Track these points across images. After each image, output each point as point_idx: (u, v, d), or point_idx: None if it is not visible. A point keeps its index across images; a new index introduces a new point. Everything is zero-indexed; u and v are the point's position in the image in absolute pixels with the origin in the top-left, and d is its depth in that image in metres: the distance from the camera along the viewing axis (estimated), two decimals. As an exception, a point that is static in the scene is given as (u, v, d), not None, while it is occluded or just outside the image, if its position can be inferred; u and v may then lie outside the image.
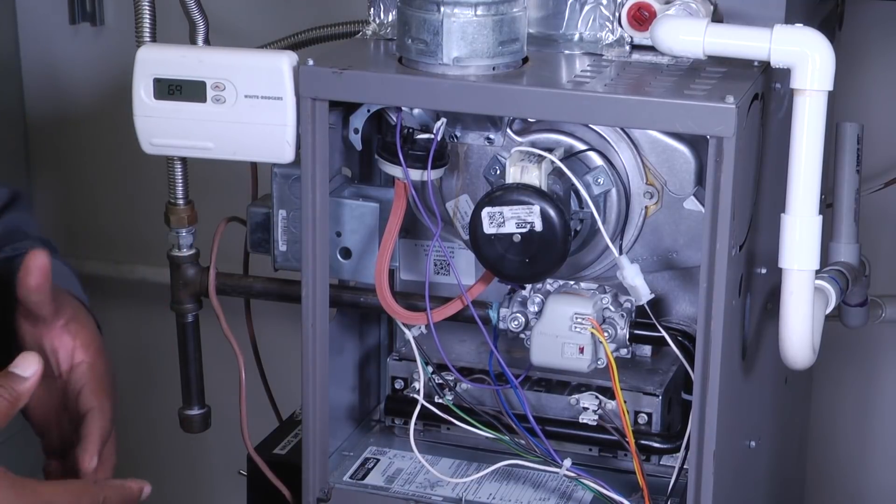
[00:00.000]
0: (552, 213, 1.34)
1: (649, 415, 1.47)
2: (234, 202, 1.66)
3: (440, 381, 1.50)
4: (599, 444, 1.49)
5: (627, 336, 1.42)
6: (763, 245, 1.43)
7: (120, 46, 2.18)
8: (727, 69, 1.36)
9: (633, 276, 1.37)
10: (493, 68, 1.35)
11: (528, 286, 1.44)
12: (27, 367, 1.22)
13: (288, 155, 1.44)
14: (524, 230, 1.34)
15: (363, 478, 1.50)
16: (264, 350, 1.70)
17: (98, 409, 1.32)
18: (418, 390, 1.49)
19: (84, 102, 2.30)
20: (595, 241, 1.44)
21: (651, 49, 1.37)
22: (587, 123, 1.41)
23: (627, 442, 1.43)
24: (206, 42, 1.55)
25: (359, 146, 1.48)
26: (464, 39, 1.33)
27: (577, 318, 1.40)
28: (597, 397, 1.47)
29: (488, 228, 1.35)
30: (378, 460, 1.53)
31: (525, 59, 1.38)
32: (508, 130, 1.44)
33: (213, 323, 1.57)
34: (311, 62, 1.37)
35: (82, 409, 1.32)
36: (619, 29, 1.42)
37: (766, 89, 1.38)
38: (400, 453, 1.54)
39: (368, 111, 1.45)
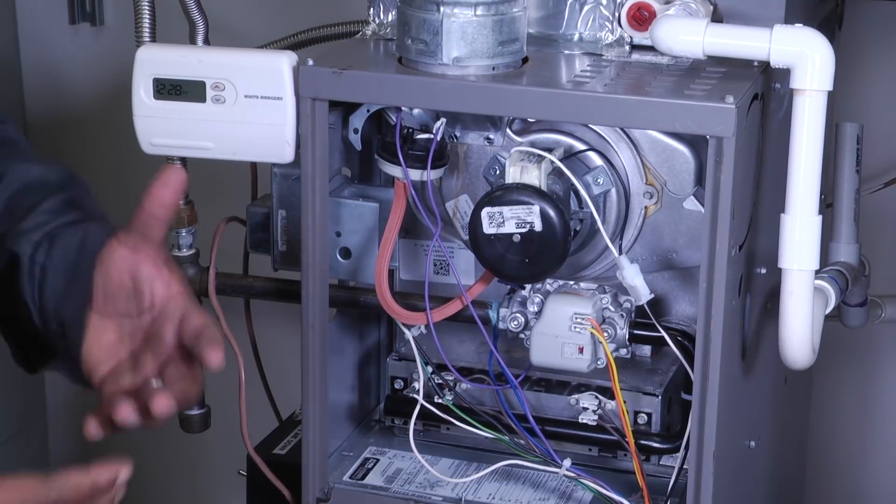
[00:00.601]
0: (552, 213, 1.34)
1: (649, 415, 1.47)
2: (233, 202, 1.66)
3: (440, 381, 1.50)
4: (599, 444, 1.49)
5: (627, 336, 1.42)
6: (763, 245, 1.43)
7: (120, 46, 2.18)
8: (727, 69, 1.36)
9: (632, 276, 1.37)
10: (493, 68, 1.35)
11: (528, 286, 1.44)
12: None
13: (288, 155, 1.44)
14: (524, 230, 1.34)
15: (363, 478, 1.50)
16: (264, 350, 1.70)
17: (211, 321, 1.25)
18: (418, 390, 1.49)
19: (84, 102, 2.30)
20: (595, 241, 1.44)
21: (651, 49, 1.37)
22: (587, 123, 1.41)
23: (627, 442, 1.43)
24: (206, 42, 1.55)
25: (358, 146, 1.48)
26: (463, 39, 1.33)
27: (576, 318, 1.40)
28: (596, 397, 1.47)
29: (488, 228, 1.35)
30: (378, 460, 1.53)
31: (525, 59, 1.38)
32: (508, 130, 1.44)
33: (213, 323, 1.57)
34: (310, 62, 1.37)
35: (196, 324, 1.24)
36: (619, 29, 1.42)
37: (766, 89, 1.38)
38: (400, 453, 1.54)
39: (368, 111, 1.45)
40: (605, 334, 1.41)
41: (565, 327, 1.40)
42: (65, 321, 1.26)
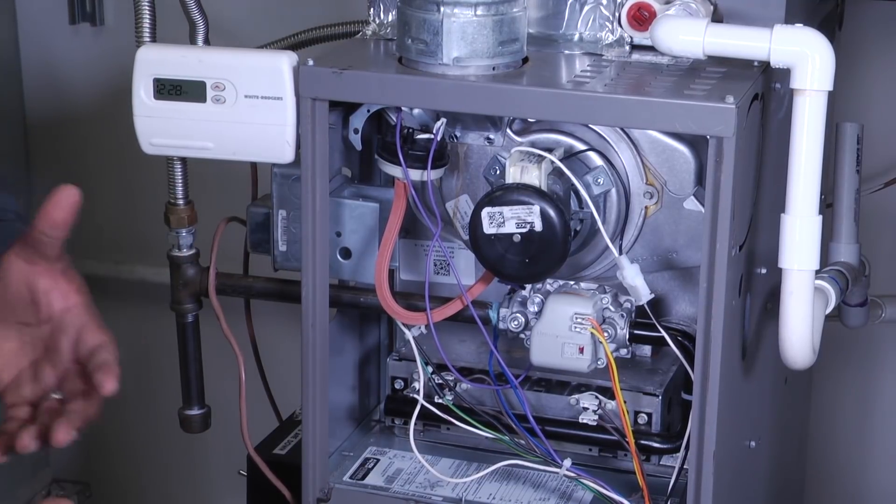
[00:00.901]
0: (552, 213, 1.34)
1: (649, 415, 1.47)
2: (233, 202, 1.66)
3: (440, 381, 1.50)
4: (599, 444, 1.49)
5: (627, 336, 1.42)
6: (763, 245, 1.43)
7: (120, 46, 2.18)
8: (727, 69, 1.36)
9: (632, 276, 1.37)
10: (493, 68, 1.35)
11: (528, 286, 1.44)
12: None
13: (288, 155, 1.44)
14: (524, 230, 1.34)
15: (363, 478, 1.50)
16: (264, 350, 1.70)
17: (109, 340, 1.27)
18: (418, 390, 1.49)
19: (84, 102, 2.30)
20: (595, 241, 1.44)
21: (651, 49, 1.37)
22: (587, 123, 1.41)
23: (627, 442, 1.43)
24: (206, 42, 1.55)
25: (359, 146, 1.48)
26: (464, 39, 1.33)
27: (576, 318, 1.40)
28: (597, 397, 1.47)
29: (488, 228, 1.35)
30: (378, 460, 1.53)
31: (525, 60, 1.38)
32: (508, 130, 1.44)
33: (213, 323, 1.57)
34: (311, 62, 1.37)
35: (91, 342, 1.26)
36: (619, 29, 1.42)
37: (766, 89, 1.38)
38: (400, 453, 1.54)
39: (368, 111, 1.45)
40: (606, 334, 1.41)
41: (565, 327, 1.40)
42: None
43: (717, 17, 1.41)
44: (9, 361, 1.27)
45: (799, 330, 1.34)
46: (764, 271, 1.45)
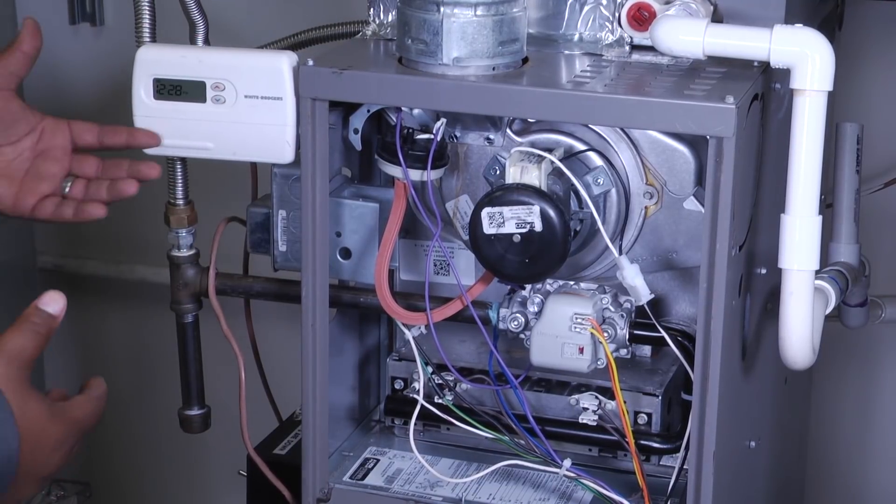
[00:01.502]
0: (552, 213, 1.34)
1: (649, 415, 1.47)
2: (233, 202, 1.66)
3: (440, 382, 1.50)
4: (599, 445, 1.49)
5: (627, 336, 1.42)
6: (763, 245, 1.43)
7: (120, 46, 2.18)
8: (727, 69, 1.36)
9: (632, 276, 1.37)
10: (493, 68, 1.35)
11: (528, 286, 1.44)
12: (54, 304, 1.25)
13: (288, 155, 1.44)
14: (524, 230, 1.34)
15: (363, 478, 1.50)
16: (264, 350, 1.70)
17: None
18: (418, 390, 1.49)
19: (84, 102, 2.30)
20: (595, 241, 1.44)
21: (651, 49, 1.37)
22: (587, 124, 1.41)
23: (627, 442, 1.43)
24: (206, 42, 1.55)
25: (358, 146, 1.48)
26: (464, 39, 1.33)
27: (576, 318, 1.40)
28: (596, 397, 1.47)
29: (488, 228, 1.35)
30: (378, 460, 1.53)
31: (525, 60, 1.38)
32: (508, 131, 1.44)
33: (213, 323, 1.57)
34: (310, 62, 1.37)
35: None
36: (619, 29, 1.42)
37: (766, 89, 1.38)
38: (400, 453, 1.54)
39: (368, 111, 1.45)
40: (606, 334, 1.41)
41: (565, 327, 1.40)
42: None
43: (716, 18, 1.41)
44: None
45: (799, 330, 1.34)
46: (764, 271, 1.45)
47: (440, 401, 1.49)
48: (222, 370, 1.73)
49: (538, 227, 1.34)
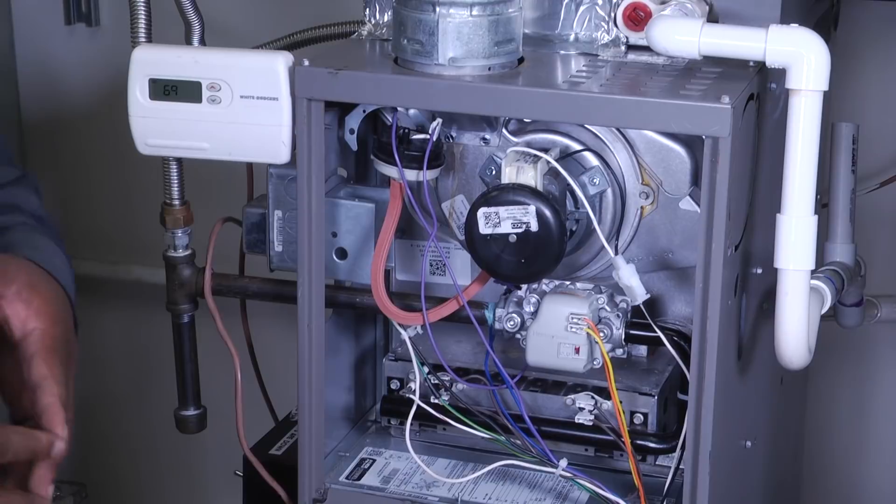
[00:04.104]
0: (548, 213, 1.34)
1: (645, 415, 1.47)
2: (229, 203, 1.66)
3: (436, 382, 1.50)
4: (595, 445, 1.49)
5: (623, 336, 1.42)
6: (759, 245, 1.43)
7: (115, 47, 2.18)
8: (723, 69, 1.36)
9: (628, 276, 1.37)
10: (489, 69, 1.35)
11: (524, 286, 1.44)
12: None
13: (284, 155, 1.44)
14: (520, 230, 1.34)
15: (359, 478, 1.50)
16: (260, 351, 1.70)
17: (50, 377, 1.24)
18: (414, 391, 1.49)
19: (80, 103, 2.30)
20: (591, 241, 1.44)
21: (647, 49, 1.38)
22: (583, 124, 1.41)
23: (623, 442, 1.43)
24: (202, 42, 1.55)
25: (354, 146, 1.48)
26: (459, 40, 1.33)
27: (572, 318, 1.40)
28: (593, 397, 1.47)
29: (484, 229, 1.35)
30: (374, 461, 1.53)
31: (521, 60, 1.38)
32: (504, 131, 1.44)
33: (209, 324, 1.57)
34: (306, 63, 1.37)
35: (34, 379, 1.24)
36: (615, 29, 1.42)
37: (762, 89, 1.38)
38: (396, 454, 1.54)
39: (364, 112, 1.45)
40: (602, 334, 1.41)
41: (561, 327, 1.40)
42: None
43: (712, 18, 1.41)
44: (7, 374, 1.28)
45: (795, 330, 1.35)
46: (760, 271, 1.45)
47: (436, 401, 1.49)
48: (218, 370, 1.73)
49: (534, 227, 1.34)
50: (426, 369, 1.49)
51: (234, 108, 1.43)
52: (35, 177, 1.50)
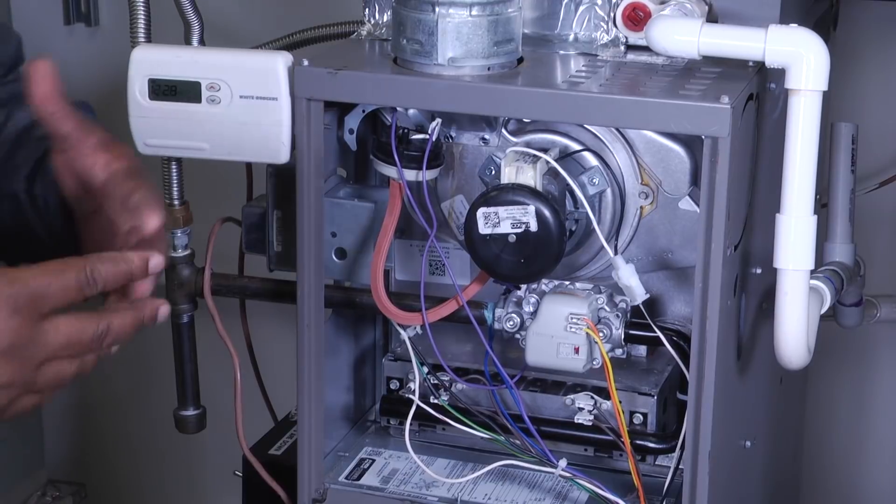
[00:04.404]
0: (547, 213, 1.34)
1: (644, 415, 1.47)
2: (229, 203, 1.66)
3: (435, 382, 1.50)
4: (595, 445, 1.49)
5: (623, 336, 1.42)
6: (758, 245, 1.43)
7: (114, 47, 2.18)
8: (722, 69, 1.36)
9: (628, 276, 1.37)
10: (489, 69, 1.35)
11: (524, 286, 1.44)
12: (152, 260, 1.15)
13: (283, 155, 1.44)
14: (519, 230, 1.34)
15: (359, 478, 1.50)
16: (259, 351, 1.70)
17: (144, 185, 1.23)
18: (414, 391, 1.49)
19: (79, 103, 2.30)
20: (590, 241, 1.44)
21: (646, 49, 1.37)
22: (582, 124, 1.41)
23: (623, 442, 1.43)
24: (201, 42, 1.55)
25: (354, 146, 1.48)
26: (459, 40, 1.33)
27: (572, 318, 1.40)
28: (592, 397, 1.47)
29: (483, 229, 1.35)
30: (373, 461, 1.53)
31: (520, 60, 1.38)
32: (503, 131, 1.44)
33: (209, 323, 1.57)
34: (306, 63, 1.37)
35: (125, 190, 1.22)
36: (614, 29, 1.42)
37: (761, 89, 1.38)
38: (395, 454, 1.54)
39: (363, 112, 1.45)
40: (601, 334, 1.41)
41: (561, 327, 1.40)
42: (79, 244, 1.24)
43: (711, 18, 1.41)
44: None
45: (794, 330, 1.35)
46: (759, 271, 1.45)
47: (436, 401, 1.49)
48: (218, 370, 1.73)
49: (533, 227, 1.34)
50: (426, 369, 1.49)
51: (234, 108, 1.43)
52: (89, 105, 1.46)
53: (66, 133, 1.24)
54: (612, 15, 1.41)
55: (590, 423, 1.47)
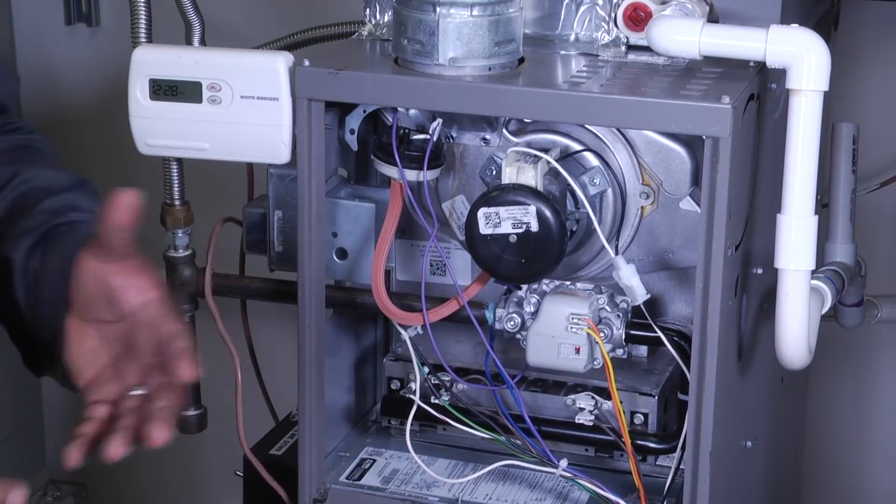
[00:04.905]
0: (548, 213, 1.34)
1: (645, 415, 1.47)
2: (230, 203, 1.66)
3: (436, 382, 1.50)
4: (596, 445, 1.49)
5: (623, 336, 1.42)
6: (759, 245, 1.43)
7: (116, 47, 2.18)
8: (723, 69, 1.36)
9: (629, 276, 1.37)
10: (489, 69, 1.35)
11: (525, 286, 1.44)
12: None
13: (284, 156, 1.44)
14: (520, 230, 1.34)
15: (359, 478, 1.50)
16: (260, 351, 1.70)
17: (185, 329, 1.24)
18: (414, 391, 1.49)
19: (80, 103, 2.30)
20: (591, 241, 1.44)
21: (647, 49, 1.37)
22: (583, 124, 1.41)
23: (624, 442, 1.43)
24: (202, 43, 1.55)
25: (355, 147, 1.48)
26: (460, 40, 1.33)
27: (573, 318, 1.40)
28: (593, 397, 1.47)
29: (484, 229, 1.35)
30: (374, 461, 1.53)
31: (521, 60, 1.38)
32: (504, 131, 1.44)
33: (210, 323, 1.57)
34: (306, 63, 1.37)
35: (167, 333, 1.22)
36: (615, 29, 1.42)
37: (762, 89, 1.38)
38: (396, 454, 1.54)
39: (364, 112, 1.45)
40: (602, 334, 1.41)
41: (562, 328, 1.40)
42: (58, 328, 1.25)
43: (712, 18, 1.41)
44: (89, 359, 1.25)
45: (795, 330, 1.35)
46: (760, 271, 1.45)
47: (436, 401, 1.49)
48: (219, 370, 1.73)
49: (534, 227, 1.34)
50: (426, 369, 1.49)
51: (235, 108, 1.43)
52: (93, 183, 1.48)
53: (118, 252, 1.24)
54: (612, 15, 1.41)
55: (591, 424, 1.47)
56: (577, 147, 1.43)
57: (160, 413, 1.20)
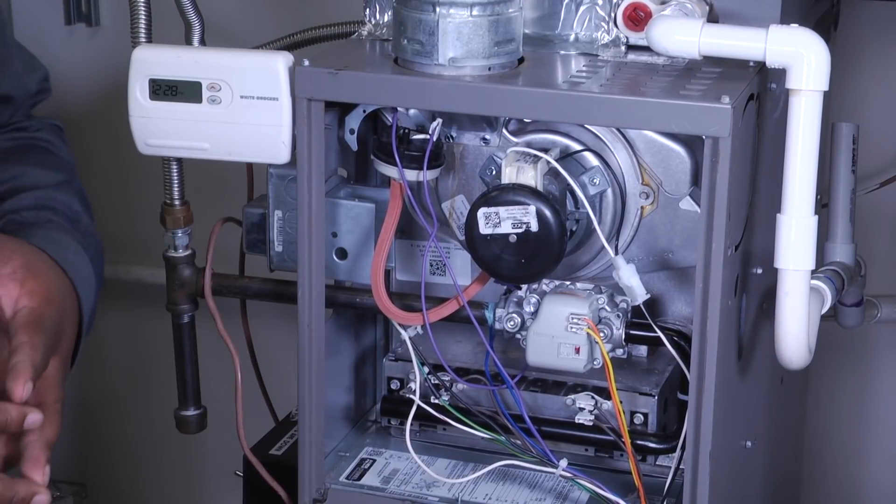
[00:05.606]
0: (548, 213, 1.34)
1: (645, 415, 1.47)
2: (230, 203, 1.66)
3: (436, 382, 1.50)
4: (595, 445, 1.49)
5: (623, 336, 1.42)
6: (759, 245, 1.43)
7: (115, 47, 2.18)
8: (723, 69, 1.36)
9: (628, 276, 1.37)
10: (489, 69, 1.35)
11: (524, 286, 1.44)
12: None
13: (284, 156, 1.44)
14: (520, 230, 1.34)
15: (359, 478, 1.50)
16: (260, 351, 1.70)
17: (28, 343, 1.23)
18: (414, 391, 1.49)
19: (79, 103, 2.30)
20: (591, 241, 1.44)
21: (647, 49, 1.37)
22: (583, 124, 1.41)
23: (623, 442, 1.43)
24: (202, 43, 1.55)
25: (354, 147, 1.48)
26: (459, 40, 1.33)
27: (573, 318, 1.40)
28: (593, 397, 1.47)
29: (484, 229, 1.35)
30: (374, 461, 1.53)
31: (521, 60, 1.38)
32: (504, 131, 1.44)
33: (210, 324, 1.57)
34: (306, 63, 1.37)
35: (11, 346, 1.23)
36: (615, 29, 1.42)
37: (762, 89, 1.38)
38: (396, 454, 1.54)
39: (364, 112, 1.45)
40: (602, 334, 1.41)
41: (562, 327, 1.40)
42: None
43: (712, 18, 1.41)
44: None
45: (795, 330, 1.35)
46: (760, 271, 1.45)
47: (436, 401, 1.49)
48: (218, 371, 1.73)
49: (534, 227, 1.34)
50: (426, 369, 1.49)
51: (235, 108, 1.43)
52: (79, 183, 1.49)
53: None
54: (612, 15, 1.41)
55: (590, 424, 1.47)
56: (576, 147, 1.43)
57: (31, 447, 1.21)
